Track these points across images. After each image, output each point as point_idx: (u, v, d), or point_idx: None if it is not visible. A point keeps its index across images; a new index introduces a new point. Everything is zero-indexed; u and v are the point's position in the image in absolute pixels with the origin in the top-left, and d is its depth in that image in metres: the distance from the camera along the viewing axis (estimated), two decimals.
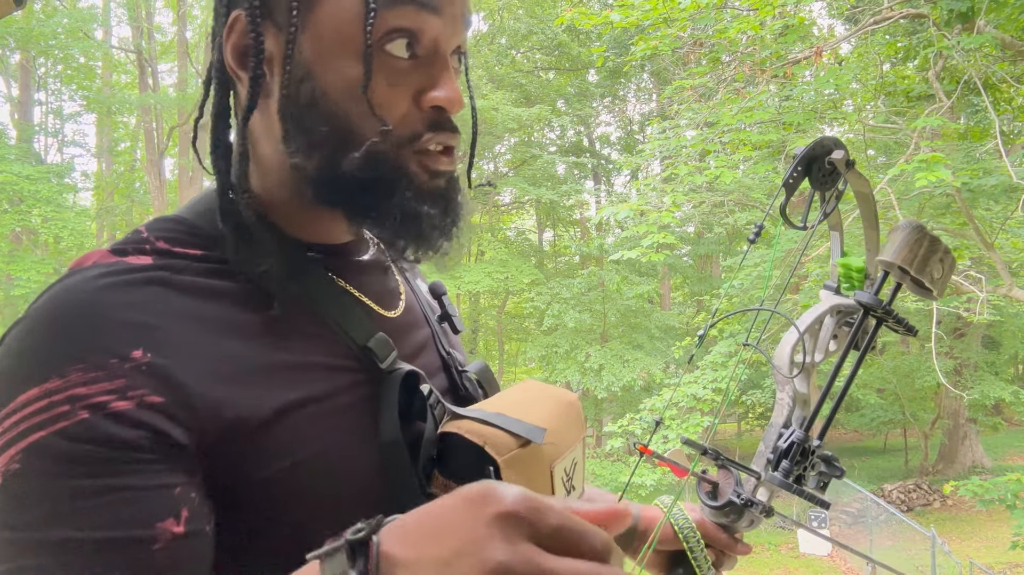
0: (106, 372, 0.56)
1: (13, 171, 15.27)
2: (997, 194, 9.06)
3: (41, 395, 0.55)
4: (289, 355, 0.66)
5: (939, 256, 0.93)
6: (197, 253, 0.66)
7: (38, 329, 0.58)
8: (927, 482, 17.35)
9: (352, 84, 0.64)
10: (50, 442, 0.54)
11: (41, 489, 0.54)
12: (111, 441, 0.55)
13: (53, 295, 0.61)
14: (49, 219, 15.92)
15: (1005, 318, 13.00)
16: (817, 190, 1.05)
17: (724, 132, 8.24)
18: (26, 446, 0.54)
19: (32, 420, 0.55)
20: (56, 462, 0.54)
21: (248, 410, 0.61)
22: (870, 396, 17.20)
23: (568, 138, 23.78)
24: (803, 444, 0.97)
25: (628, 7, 7.48)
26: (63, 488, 0.54)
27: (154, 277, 0.62)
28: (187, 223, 0.68)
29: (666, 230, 9.49)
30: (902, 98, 9.23)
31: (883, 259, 0.93)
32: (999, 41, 6.89)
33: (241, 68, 0.66)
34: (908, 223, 0.93)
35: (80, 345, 0.57)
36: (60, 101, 22.16)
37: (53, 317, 0.59)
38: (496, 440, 0.70)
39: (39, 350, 0.57)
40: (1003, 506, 8.90)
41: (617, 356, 16.94)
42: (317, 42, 0.64)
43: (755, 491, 1.00)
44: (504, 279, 18.71)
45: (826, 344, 1.07)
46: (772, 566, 13.81)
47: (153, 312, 0.60)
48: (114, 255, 0.64)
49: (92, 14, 19.55)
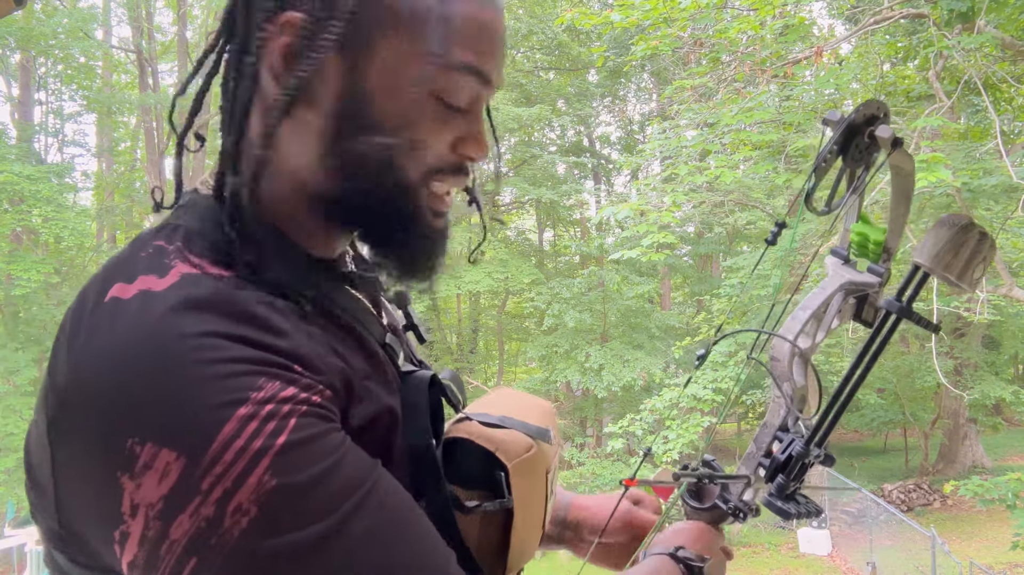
0: (287, 375, 0.57)
1: (13, 171, 15.26)
2: (997, 194, 9.06)
3: (251, 414, 0.54)
4: (357, 364, 0.66)
5: (983, 255, 0.84)
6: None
7: (214, 354, 0.55)
8: (927, 482, 17.35)
9: (407, 121, 0.65)
10: (291, 444, 0.55)
11: (321, 475, 0.55)
12: (332, 427, 0.58)
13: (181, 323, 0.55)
14: (49, 219, 15.92)
15: (1005, 318, 12.99)
16: (849, 167, 0.95)
17: (724, 132, 8.24)
18: (271, 461, 0.54)
19: (262, 434, 0.54)
20: (311, 452, 0.55)
21: (357, 417, 0.63)
22: (870, 396, 17.18)
23: (568, 138, 23.78)
24: (803, 459, 0.91)
25: (628, 7, 7.47)
26: (324, 475, 0.56)
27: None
28: (208, 239, 0.64)
29: (666, 230, 9.49)
30: (902, 98, 9.23)
31: (921, 261, 0.84)
32: (999, 41, 6.88)
33: (285, 70, 0.64)
34: (954, 220, 0.83)
35: (257, 358, 0.56)
36: (60, 101, 22.15)
37: (219, 339, 0.55)
38: (506, 447, 0.72)
39: (226, 370, 0.55)
40: (1003, 506, 8.90)
41: (617, 356, 16.93)
42: (383, 74, 0.64)
43: (743, 493, 0.98)
44: (504, 279, 18.71)
45: (830, 323, 1.00)
46: (772, 566, 13.80)
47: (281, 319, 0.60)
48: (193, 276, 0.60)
49: (92, 14, 19.54)
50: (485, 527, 0.77)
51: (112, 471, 0.54)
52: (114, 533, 0.55)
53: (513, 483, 0.72)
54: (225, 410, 0.54)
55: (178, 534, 0.53)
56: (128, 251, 0.63)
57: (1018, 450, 20.23)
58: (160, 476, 0.53)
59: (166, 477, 0.53)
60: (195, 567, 0.53)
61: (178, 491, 0.53)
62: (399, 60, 0.64)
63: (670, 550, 0.88)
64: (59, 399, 0.57)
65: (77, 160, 23.08)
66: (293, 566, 0.54)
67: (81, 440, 0.55)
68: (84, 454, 0.55)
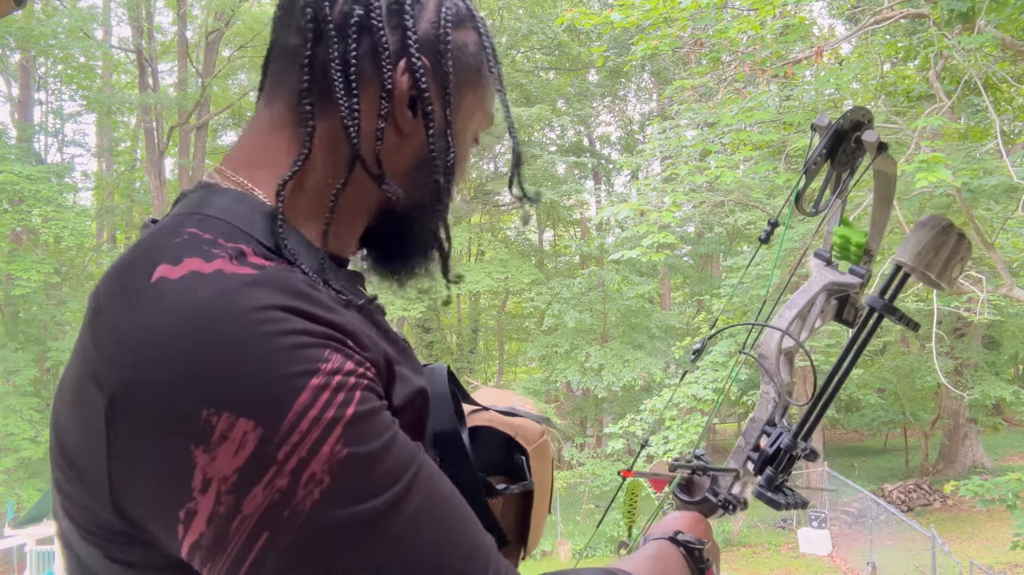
0: (345, 349, 0.58)
1: (13, 171, 15.28)
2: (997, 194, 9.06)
3: (323, 384, 0.55)
4: (388, 348, 0.68)
5: (961, 255, 0.88)
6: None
7: (282, 326, 0.56)
8: (927, 482, 17.35)
9: (463, 158, 0.77)
10: (359, 415, 0.56)
11: (381, 449, 0.57)
12: (384, 403, 0.60)
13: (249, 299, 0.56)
14: (49, 219, 15.93)
15: (1005, 318, 13.00)
16: (836, 170, 0.99)
17: (724, 132, 8.24)
18: (342, 430, 0.55)
19: (334, 404, 0.55)
20: (373, 425, 0.57)
21: (397, 397, 0.65)
22: (870, 396, 17.19)
23: (568, 138, 23.80)
24: (791, 451, 0.94)
25: (628, 7, 7.47)
26: (385, 448, 0.57)
27: None
28: (241, 230, 0.65)
29: (666, 230, 9.50)
30: (902, 98, 9.23)
31: (903, 260, 0.88)
32: (999, 41, 6.88)
33: (404, 108, 0.71)
34: (934, 222, 0.87)
35: (319, 331, 0.57)
36: (60, 101, 22.20)
37: (283, 312, 0.56)
38: (524, 432, 0.78)
39: (295, 341, 0.56)
40: (1003, 506, 8.90)
41: (617, 356, 16.94)
42: (461, 121, 0.75)
43: (731, 486, 1.00)
44: (504, 279, 18.73)
45: (814, 323, 1.04)
46: (772, 566, 13.80)
47: (328, 299, 0.63)
48: (246, 263, 0.61)
49: (92, 14, 19.55)
50: (507, 510, 0.81)
51: (184, 444, 0.53)
52: (179, 512, 0.54)
53: (532, 466, 0.77)
54: (300, 379, 0.54)
55: (251, 508, 0.53)
56: (160, 236, 0.62)
57: (1018, 450, 20.25)
58: (237, 447, 0.52)
59: (243, 447, 0.52)
60: (266, 543, 0.53)
61: (254, 462, 0.52)
62: (469, 113, 0.76)
63: (669, 534, 0.90)
64: (121, 377, 0.55)
65: (77, 160, 23.17)
66: (359, 538, 0.55)
67: (150, 415, 0.54)
68: (153, 429, 0.54)
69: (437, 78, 0.71)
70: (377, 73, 0.68)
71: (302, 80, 0.67)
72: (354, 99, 0.68)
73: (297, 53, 0.68)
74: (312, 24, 0.67)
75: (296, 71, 0.68)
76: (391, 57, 0.68)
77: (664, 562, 0.85)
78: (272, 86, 0.71)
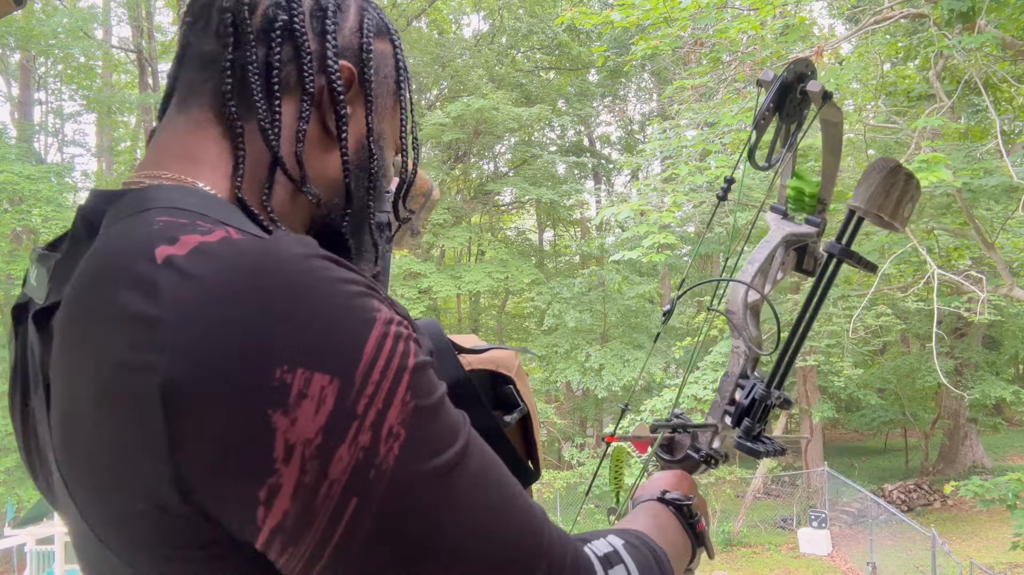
0: (384, 301, 0.57)
1: (13, 171, 15.27)
2: (997, 194, 9.07)
3: (384, 333, 0.53)
4: None
5: (911, 194, 0.91)
6: None
7: (335, 273, 0.54)
8: (928, 482, 17.36)
9: (391, 167, 0.79)
10: (419, 365, 0.55)
11: (439, 402, 0.56)
12: (430, 357, 0.59)
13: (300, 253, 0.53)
14: (49, 219, 15.91)
15: (1006, 318, 13.01)
16: (784, 124, 1.03)
17: (724, 132, 8.24)
18: (408, 379, 0.53)
19: (397, 354, 0.53)
20: (431, 377, 0.56)
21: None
22: (871, 396, 17.19)
23: (568, 138, 23.79)
24: (765, 401, 0.98)
25: (628, 7, 7.47)
26: (443, 399, 0.56)
27: None
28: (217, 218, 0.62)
29: (666, 230, 9.50)
30: (903, 98, 9.24)
31: (856, 204, 0.90)
32: (1000, 41, 6.88)
33: (331, 113, 0.71)
34: (883, 165, 0.90)
35: (362, 280, 0.55)
36: (60, 101, 22.18)
37: (327, 261, 0.54)
38: (503, 362, 0.82)
39: (352, 289, 0.53)
40: (1003, 506, 8.91)
41: (617, 356, 16.95)
42: (384, 126, 0.77)
43: (711, 441, 1.04)
44: (504, 279, 18.71)
45: (775, 275, 1.07)
46: (772, 566, 13.80)
47: None
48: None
49: (92, 14, 19.57)
50: (515, 440, 0.85)
51: (260, 411, 0.48)
52: (259, 493, 0.49)
53: (520, 390, 0.81)
54: (364, 328, 0.52)
55: (337, 471, 0.49)
56: (126, 235, 0.57)
57: (1018, 450, 20.25)
58: (317, 404, 0.49)
59: (323, 404, 0.49)
60: (355, 510, 0.50)
61: (336, 418, 0.49)
62: (391, 116, 0.78)
63: (656, 495, 0.93)
64: (171, 357, 0.49)
65: (77, 160, 23.14)
66: (439, 493, 0.53)
67: (218, 390, 0.49)
68: (223, 404, 0.49)
69: (361, 83, 0.73)
70: (299, 77, 0.68)
71: (224, 83, 0.67)
72: (275, 102, 0.68)
73: (215, 59, 0.67)
74: (232, 29, 0.67)
75: (214, 76, 0.67)
76: (314, 61, 0.69)
77: (658, 519, 0.87)
78: (185, 92, 0.69)
